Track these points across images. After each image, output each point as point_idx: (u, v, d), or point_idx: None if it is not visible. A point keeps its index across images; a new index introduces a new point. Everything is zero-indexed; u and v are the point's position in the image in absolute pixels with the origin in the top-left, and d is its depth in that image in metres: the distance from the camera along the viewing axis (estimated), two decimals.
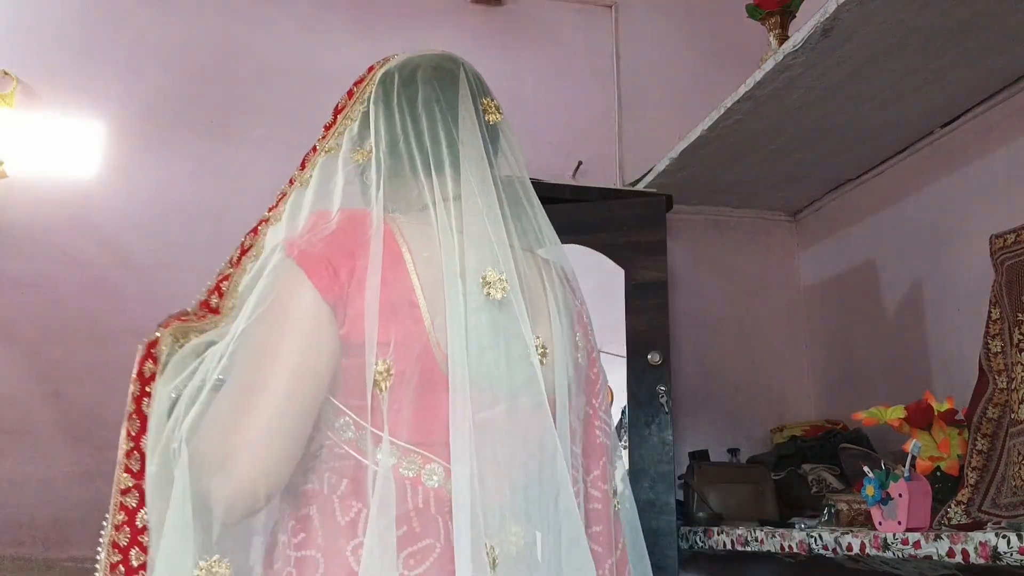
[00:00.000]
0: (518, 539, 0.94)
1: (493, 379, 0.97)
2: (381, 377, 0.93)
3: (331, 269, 0.95)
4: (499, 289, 0.98)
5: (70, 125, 2.31)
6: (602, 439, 1.12)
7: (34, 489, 2.06)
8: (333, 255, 0.96)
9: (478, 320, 0.97)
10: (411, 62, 1.14)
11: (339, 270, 0.95)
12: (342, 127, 1.13)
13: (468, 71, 1.14)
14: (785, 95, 2.01)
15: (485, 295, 0.98)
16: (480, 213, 1.02)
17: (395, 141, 1.07)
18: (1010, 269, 1.66)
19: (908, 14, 1.69)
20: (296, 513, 0.97)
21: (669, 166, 2.40)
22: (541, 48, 2.73)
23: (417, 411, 0.94)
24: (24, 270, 2.20)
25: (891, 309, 2.36)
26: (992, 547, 1.22)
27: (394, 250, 0.98)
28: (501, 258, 1.00)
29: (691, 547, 2.06)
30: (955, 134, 2.14)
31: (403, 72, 1.12)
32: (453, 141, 1.07)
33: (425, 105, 1.08)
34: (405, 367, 0.94)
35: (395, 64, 1.14)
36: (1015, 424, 1.56)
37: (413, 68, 1.12)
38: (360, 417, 0.94)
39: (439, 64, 1.13)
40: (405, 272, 0.98)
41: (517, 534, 0.94)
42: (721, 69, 2.73)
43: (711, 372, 2.63)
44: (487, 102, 1.14)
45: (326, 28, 2.57)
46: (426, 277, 0.98)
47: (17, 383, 2.13)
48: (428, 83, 1.10)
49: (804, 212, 2.76)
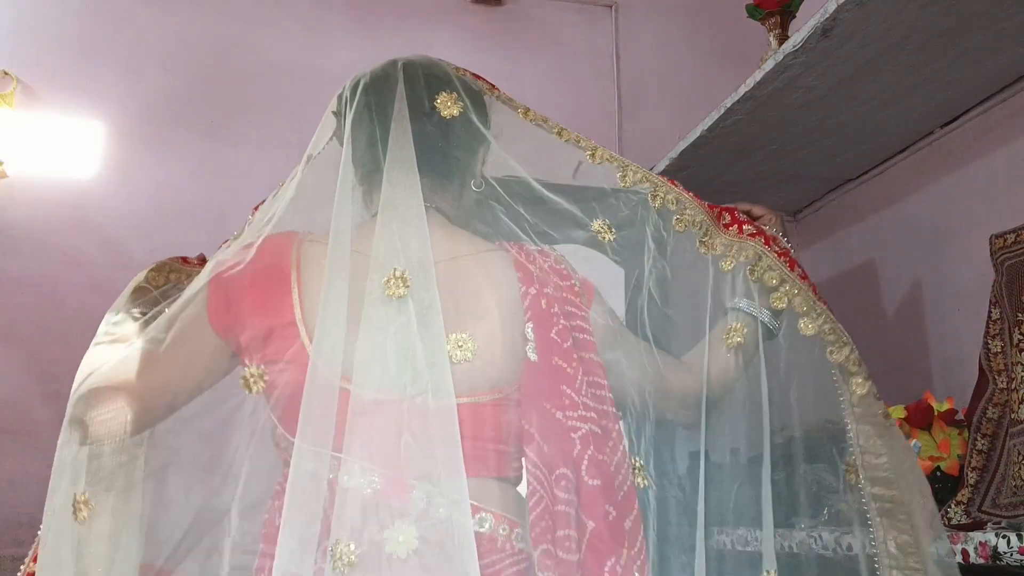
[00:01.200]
0: (409, 539, 0.93)
1: (374, 377, 0.98)
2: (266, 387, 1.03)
3: (225, 301, 1.06)
4: (401, 287, 0.99)
5: (70, 125, 2.31)
6: (584, 429, 1.06)
7: (34, 489, 2.05)
8: (235, 292, 1.07)
9: (365, 319, 0.99)
10: (359, 75, 1.16)
11: (231, 308, 1.06)
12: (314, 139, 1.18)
13: (411, 72, 1.14)
14: (785, 95, 2.01)
15: (383, 294, 0.99)
16: (397, 214, 1.04)
17: (346, 154, 1.10)
18: (1010, 269, 1.66)
19: (908, 14, 1.69)
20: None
21: (669, 166, 2.39)
22: (541, 48, 2.73)
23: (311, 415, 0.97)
24: (24, 270, 2.20)
25: (891, 309, 2.36)
26: (992, 547, 1.22)
27: (285, 277, 1.05)
28: (411, 255, 1.01)
29: None
30: (955, 134, 2.14)
31: (352, 83, 1.15)
32: (379, 145, 1.09)
33: (357, 115, 1.12)
34: (288, 379, 1.01)
35: (353, 76, 1.17)
36: (1015, 424, 1.56)
37: (357, 81, 1.15)
38: (286, 430, 1.01)
39: (378, 71, 1.16)
40: (288, 297, 1.04)
41: (409, 534, 0.93)
42: (721, 69, 2.73)
43: None
44: (444, 97, 1.13)
45: (326, 28, 2.57)
46: (310, 294, 1.04)
47: (17, 383, 2.13)
48: (365, 91, 1.13)
49: (804, 212, 2.76)
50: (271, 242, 1.09)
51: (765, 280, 1.21)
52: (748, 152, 2.32)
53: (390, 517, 0.93)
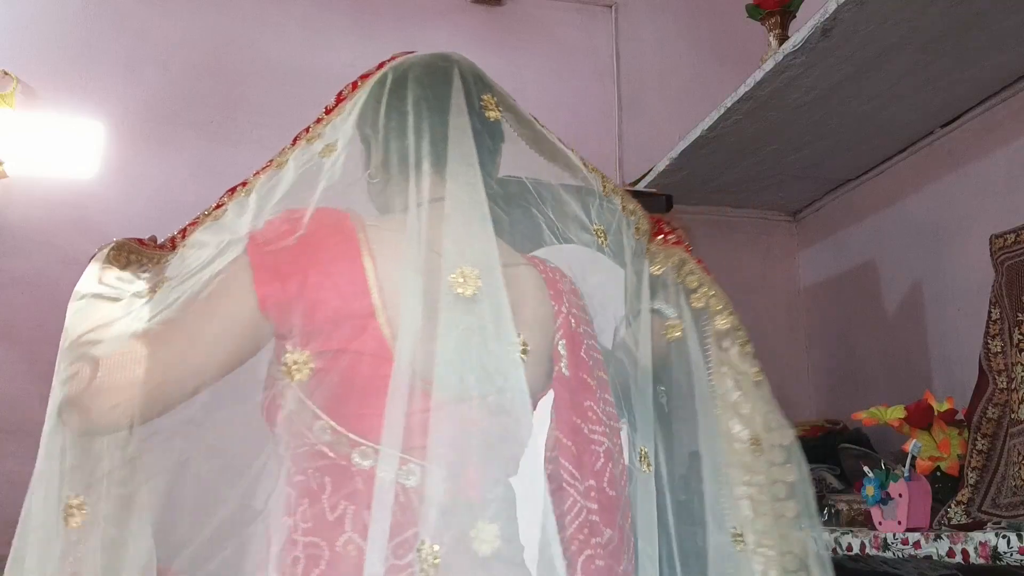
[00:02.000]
0: (491, 538, 0.93)
1: (450, 377, 0.96)
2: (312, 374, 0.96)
3: (277, 274, 0.98)
4: (471, 286, 0.97)
5: (70, 125, 2.31)
6: (606, 444, 1.09)
7: None
8: (287, 264, 0.98)
9: (442, 318, 0.96)
10: (406, 62, 1.14)
11: (288, 282, 0.98)
12: (334, 118, 1.13)
13: (463, 68, 1.14)
14: (785, 95, 2.01)
15: (455, 293, 0.97)
16: (462, 211, 1.02)
17: (381, 141, 1.09)
18: (1010, 269, 1.66)
19: (908, 14, 1.69)
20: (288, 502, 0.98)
21: (669, 166, 2.40)
22: (541, 48, 2.73)
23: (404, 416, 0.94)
24: (24, 270, 2.20)
25: (891, 309, 2.36)
26: (992, 547, 1.22)
27: (356, 259, 1.00)
28: (479, 256, 0.99)
29: None
30: (955, 134, 2.14)
31: (396, 73, 1.13)
32: (439, 139, 1.06)
33: (414, 105, 1.08)
34: (355, 370, 0.97)
35: (392, 65, 1.14)
36: (1015, 424, 1.56)
37: (406, 68, 1.13)
38: (336, 422, 0.96)
39: (431, 63, 1.14)
40: (364, 283, 0.99)
41: (491, 532, 0.93)
42: (721, 69, 2.73)
43: None
44: (487, 99, 1.13)
45: (326, 28, 2.57)
46: (388, 285, 0.99)
47: (17, 383, 2.12)
48: (418, 82, 1.10)
49: (804, 212, 2.76)
50: (329, 217, 1.03)
51: (687, 283, 1.29)
52: (748, 152, 2.32)
53: (471, 517, 0.93)
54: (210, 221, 1.14)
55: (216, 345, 0.99)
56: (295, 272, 0.98)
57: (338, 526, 0.94)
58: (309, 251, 1.00)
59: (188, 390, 1.00)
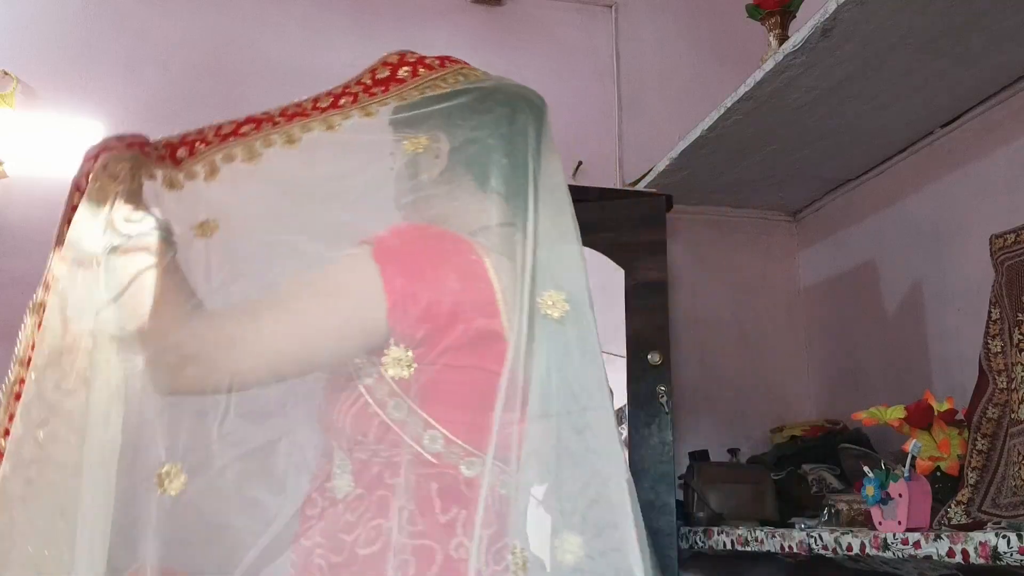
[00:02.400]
0: (576, 549, 0.97)
1: (540, 394, 1.01)
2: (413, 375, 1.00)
3: (411, 293, 1.00)
4: (558, 309, 1.03)
5: (70, 125, 2.31)
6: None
7: None
8: (419, 277, 1.01)
9: (536, 337, 1.02)
10: (498, 81, 1.18)
11: (419, 296, 1.00)
12: (393, 98, 1.12)
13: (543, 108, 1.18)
14: (785, 95, 2.01)
15: (543, 314, 1.03)
16: (551, 236, 1.06)
17: (471, 154, 1.11)
18: (1010, 269, 1.66)
19: (908, 14, 1.69)
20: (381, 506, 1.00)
21: (669, 166, 2.40)
22: (541, 48, 2.72)
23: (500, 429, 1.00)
24: (24, 270, 2.19)
25: (891, 309, 2.36)
26: (992, 547, 1.22)
27: (484, 278, 1.04)
28: (567, 280, 1.05)
29: (691, 547, 2.06)
30: (955, 134, 2.14)
31: (487, 87, 1.16)
32: (533, 169, 1.09)
33: (511, 125, 1.12)
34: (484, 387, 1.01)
35: (479, 78, 1.17)
36: (1015, 424, 1.56)
37: (498, 88, 1.17)
38: (449, 431, 1.01)
39: (524, 95, 1.19)
40: (494, 303, 1.03)
41: (575, 543, 0.97)
42: (721, 69, 2.73)
43: (711, 372, 2.63)
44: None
45: (326, 28, 2.57)
46: (504, 305, 1.04)
47: None
48: (524, 114, 1.13)
49: (804, 212, 2.76)
50: (452, 236, 1.07)
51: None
52: (748, 152, 2.32)
53: (557, 527, 0.98)
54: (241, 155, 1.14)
55: (328, 341, 1.02)
56: (427, 288, 1.01)
57: (449, 530, 0.99)
58: (439, 265, 1.03)
59: (279, 376, 1.03)
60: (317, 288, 1.03)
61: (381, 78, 1.13)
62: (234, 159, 1.14)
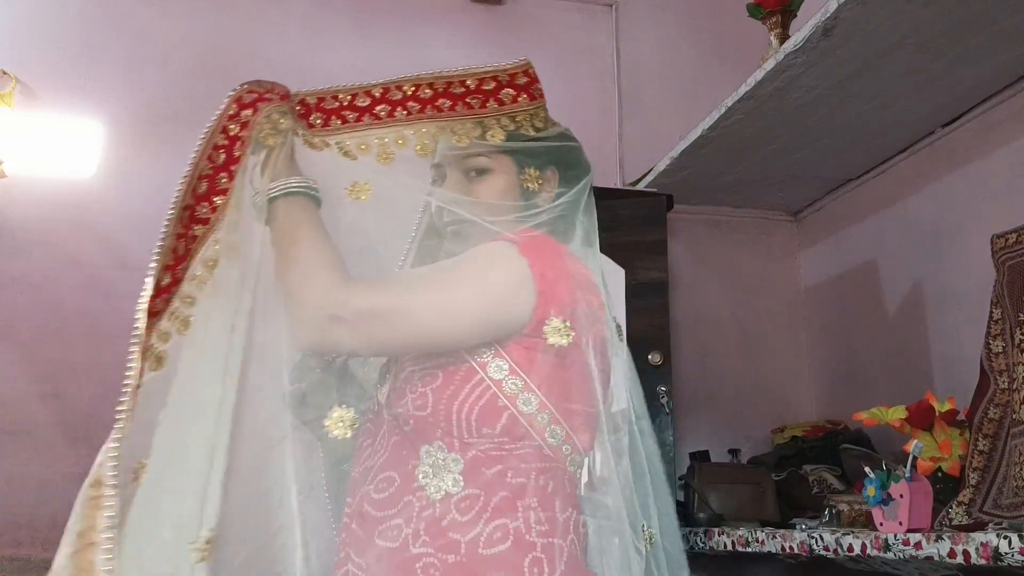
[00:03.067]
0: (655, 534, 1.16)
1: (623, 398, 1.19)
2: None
3: (556, 297, 1.09)
4: (622, 331, 1.24)
5: (70, 125, 2.31)
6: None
7: (33, 489, 2.05)
8: (560, 288, 1.11)
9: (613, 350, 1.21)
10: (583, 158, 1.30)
11: (564, 304, 1.10)
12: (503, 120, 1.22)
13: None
14: (786, 95, 2.01)
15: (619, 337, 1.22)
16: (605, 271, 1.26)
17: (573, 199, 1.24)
18: (1011, 269, 1.66)
19: (908, 14, 1.69)
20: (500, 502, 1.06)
21: (670, 166, 2.39)
22: (541, 48, 2.72)
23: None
24: (24, 270, 2.19)
25: (892, 309, 2.36)
26: (993, 548, 1.22)
27: (599, 295, 1.19)
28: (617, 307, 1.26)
29: (691, 548, 2.05)
30: (955, 134, 2.14)
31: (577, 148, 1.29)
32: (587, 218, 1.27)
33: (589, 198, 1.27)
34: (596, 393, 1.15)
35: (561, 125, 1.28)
36: (1016, 424, 1.55)
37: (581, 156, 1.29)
38: (571, 428, 1.10)
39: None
40: (603, 315, 1.18)
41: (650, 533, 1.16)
42: (722, 68, 2.73)
43: (711, 372, 2.62)
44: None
45: (326, 27, 2.57)
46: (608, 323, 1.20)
47: (16, 383, 2.12)
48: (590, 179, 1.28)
49: (804, 212, 2.76)
50: (578, 261, 1.20)
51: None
52: (748, 152, 2.32)
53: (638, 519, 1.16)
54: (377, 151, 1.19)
55: (475, 323, 1.08)
56: (566, 288, 1.11)
57: (566, 528, 1.07)
58: (570, 275, 1.14)
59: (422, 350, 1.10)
60: (469, 270, 1.11)
61: (487, 89, 1.22)
62: (369, 151, 1.21)
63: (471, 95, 1.21)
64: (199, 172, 1.11)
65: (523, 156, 1.23)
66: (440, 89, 1.20)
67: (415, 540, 1.02)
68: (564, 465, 1.10)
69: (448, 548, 1.01)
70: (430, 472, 1.05)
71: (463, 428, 1.06)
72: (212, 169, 1.11)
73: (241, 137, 1.12)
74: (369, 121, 1.20)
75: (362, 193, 1.17)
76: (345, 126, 1.20)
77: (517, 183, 1.22)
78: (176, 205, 1.08)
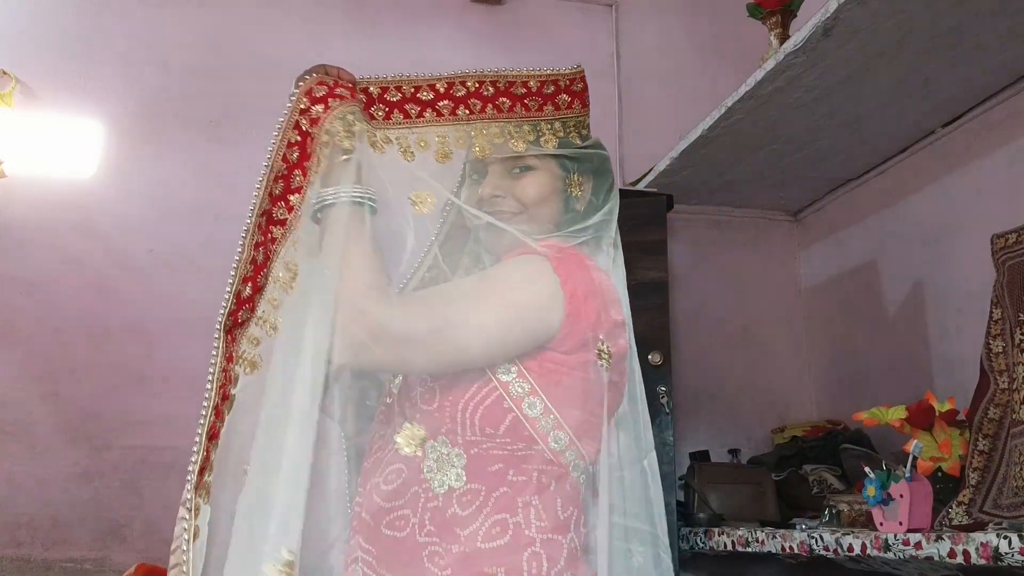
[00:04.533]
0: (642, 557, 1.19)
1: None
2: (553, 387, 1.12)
3: (583, 311, 1.11)
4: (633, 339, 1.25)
5: (70, 125, 2.31)
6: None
7: (33, 489, 2.05)
8: (590, 309, 1.12)
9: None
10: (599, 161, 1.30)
11: (589, 317, 1.12)
12: (555, 125, 1.24)
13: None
14: (786, 94, 2.01)
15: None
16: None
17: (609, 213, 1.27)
18: (1011, 269, 1.66)
19: (909, 14, 1.69)
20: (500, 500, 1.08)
21: (670, 166, 2.39)
22: (541, 47, 2.72)
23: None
24: (24, 270, 2.19)
25: (892, 309, 2.36)
26: (993, 548, 1.22)
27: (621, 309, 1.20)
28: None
29: (692, 548, 2.05)
30: (955, 134, 2.14)
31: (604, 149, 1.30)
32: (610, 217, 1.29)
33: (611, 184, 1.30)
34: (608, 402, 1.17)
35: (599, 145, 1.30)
36: (1016, 424, 1.55)
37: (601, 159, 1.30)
38: (575, 435, 1.11)
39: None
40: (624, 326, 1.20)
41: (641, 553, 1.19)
42: (722, 68, 2.73)
43: (711, 372, 2.62)
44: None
45: (326, 26, 2.57)
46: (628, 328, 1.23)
47: (16, 383, 2.12)
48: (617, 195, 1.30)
49: (804, 212, 2.76)
50: (605, 276, 1.21)
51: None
52: (748, 152, 2.32)
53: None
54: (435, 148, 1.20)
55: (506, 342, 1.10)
56: (593, 304, 1.13)
57: (566, 526, 1.09)
58: (598, 291, 1.15)
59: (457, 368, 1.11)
60: (505, 288, 1.12)
61: (547, 93, 1.23)
62: (428, 148, 1.21)
63: (530, 97, 1.22)
64: (275, 172, 1.09)
65: (568, 161, 1.25)
66: (502, 87, 1.21)
67: (421, 530, 1.05)
68: (567, 471, 1.11)
69: (453, 539, 1.04)
70: (434, 466, 1.07)
71: (466, 426, 1.08)
72: (287, 168, 1.10)
73: (312, 133, 1.10)
74: (431, 117, 1.20)
75: (424, 206, 1.18)
76: (407, 120, 1.20)
77: (561, 187, 1.24)
78: (253, 213, 1.06)
